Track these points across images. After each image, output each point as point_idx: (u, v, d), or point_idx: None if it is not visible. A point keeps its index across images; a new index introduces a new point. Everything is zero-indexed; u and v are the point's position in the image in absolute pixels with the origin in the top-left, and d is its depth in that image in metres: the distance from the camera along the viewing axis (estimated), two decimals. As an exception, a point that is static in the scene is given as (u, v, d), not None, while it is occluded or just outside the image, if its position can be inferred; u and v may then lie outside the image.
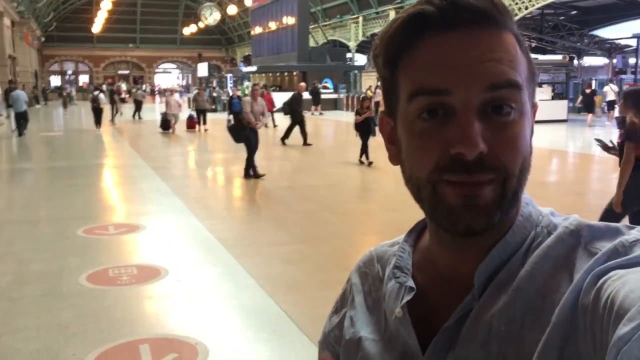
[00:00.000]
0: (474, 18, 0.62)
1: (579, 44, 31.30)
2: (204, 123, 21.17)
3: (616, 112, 23.91)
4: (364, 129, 12.04)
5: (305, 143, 15.84)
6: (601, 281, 0.55)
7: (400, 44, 0.65)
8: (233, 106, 15.30)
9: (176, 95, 21.39)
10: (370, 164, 11.81)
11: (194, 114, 21.38)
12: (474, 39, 0.62)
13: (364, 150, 12.00)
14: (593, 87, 25.45)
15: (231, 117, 17.37)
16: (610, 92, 22.51)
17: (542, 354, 0.57)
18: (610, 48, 33.02)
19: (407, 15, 0.64)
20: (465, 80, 0.61)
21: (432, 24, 0.62)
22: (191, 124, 20.96)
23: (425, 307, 0.70)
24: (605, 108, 23.23)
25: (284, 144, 16.00)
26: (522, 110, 0.63)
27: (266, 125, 20.18)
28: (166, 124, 20.09)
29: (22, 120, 18.59)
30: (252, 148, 10.66)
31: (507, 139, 0.62)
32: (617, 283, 0.53)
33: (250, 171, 10.70)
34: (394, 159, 0.71)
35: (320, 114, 28.29)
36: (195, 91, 25.57)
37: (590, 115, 21.18)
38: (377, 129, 5.24)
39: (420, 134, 0.64)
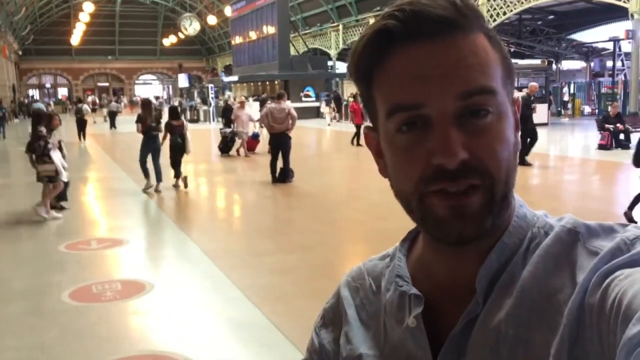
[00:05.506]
0: (438, 27, 0.61)
1: (556, 48, 31.71)
2: None
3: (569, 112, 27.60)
4: None
5: (522, 162, 11.97)
6: (608, 280, 0.55)
7: (369, 60, 0.65)
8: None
9: (247, 109, 16.72)
10: None
11: (259, 132, 16.95)
12: (440, 47, 0.61)
13: None
14: (572, 91, 28.15)
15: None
16: (565, 94, 26.69)
17: (556, 356, 0.56)
18: (587, 52, 33.49)
19: (372, 31, 0.64)
20: (438, 92, 0.61)
21: (397, 38, 0.62)
22: (253, 144, 16.54)
23: (425, 316, 0.69)
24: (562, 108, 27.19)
25: (527, 164, 12.17)
26: (500, 111, 0.63)
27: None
28: (228, 145, 16.46)
29: None
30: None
31: (487, 144, 0.62)
32: (625, 282, 0.53)
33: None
34: (384, 172, 0.71)
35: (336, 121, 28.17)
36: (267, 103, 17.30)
37: None
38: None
39: (401, 148, 0.64)
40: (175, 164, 10.75)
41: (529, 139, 12.18)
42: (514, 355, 0.60)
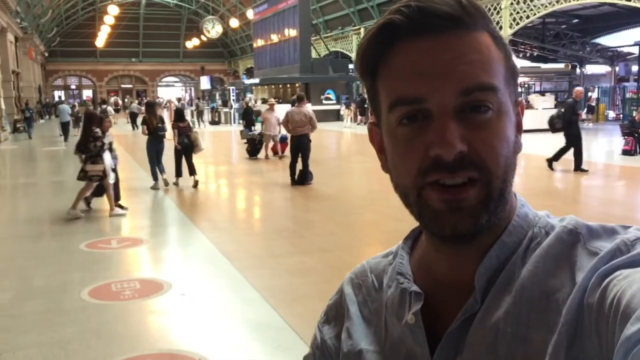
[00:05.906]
0: (442, 23, 0.62)
1: (581, 52, 31.33)
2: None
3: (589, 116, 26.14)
4: None
5: (578, 168, 11.93)
6: (607, 281, 0.55)
7: (374, 54, 0.67)
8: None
9: (277, 111, 15.56)
10: None
11: (286, 135, 14.85)
12: (444, 44, 0.62)
13: None
14: (596, 95, 27.36)
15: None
16: (592, 99, 25.58)
17: (553, 355, 0.57)
18: (612, 56, 33.03)
19: (378, 26, 0.65)
20: (439, 87, 0.62)
21: (402, 33, 0.64)
22: (282, 147, 15.70)
23: (425, 313, 0.70)
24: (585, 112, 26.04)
25: (551, 168, 12.15)
26: (501, 109, 0.64)
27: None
28: (257, 147, 15.91)
29: (66, 128, 23.32)
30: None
31: (485, 138, 0.62)
32: (623, 282, 0.53)
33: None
34: (385, 167, 0.72)
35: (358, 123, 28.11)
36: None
37: None
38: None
39: (402, 140, 0.65)
40: (188, 164, 11.11)
41: (569, 146, 11.75)
42: (512, 353, 0.61)
